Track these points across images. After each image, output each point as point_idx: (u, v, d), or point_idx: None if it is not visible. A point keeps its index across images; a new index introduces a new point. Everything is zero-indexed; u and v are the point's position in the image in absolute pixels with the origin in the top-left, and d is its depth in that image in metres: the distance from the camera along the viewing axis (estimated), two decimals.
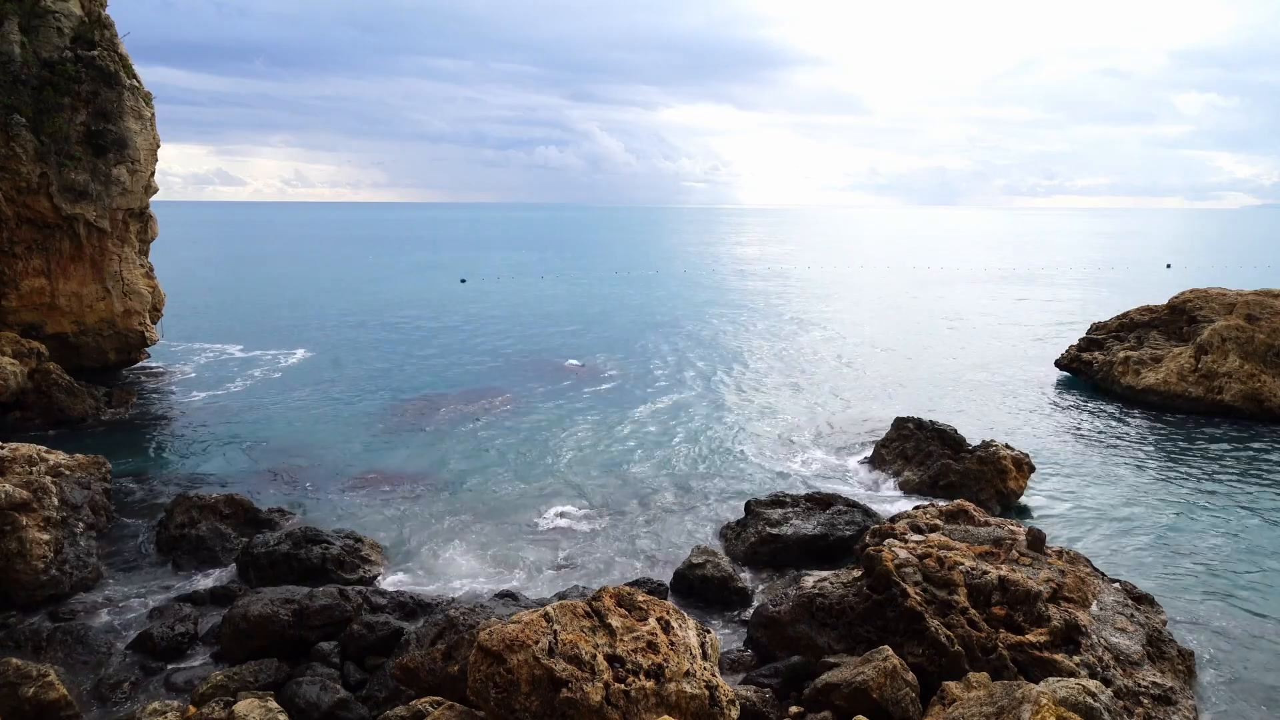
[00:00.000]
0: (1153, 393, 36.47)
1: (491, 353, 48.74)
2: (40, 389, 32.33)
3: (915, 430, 27.55)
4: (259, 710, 13.02)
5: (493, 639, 11.56)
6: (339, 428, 32.87)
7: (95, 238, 36.84)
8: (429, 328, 58.11)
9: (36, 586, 18.42)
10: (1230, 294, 39.62)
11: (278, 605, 16.75)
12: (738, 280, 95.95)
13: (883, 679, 13.38)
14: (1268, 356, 34.30)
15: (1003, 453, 25.43)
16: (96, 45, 36.19)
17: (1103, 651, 14.56)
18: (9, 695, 13.80)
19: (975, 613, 14.96)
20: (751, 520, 22.54)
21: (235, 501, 22.89)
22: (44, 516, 19.49)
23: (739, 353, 49.50)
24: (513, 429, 32.73)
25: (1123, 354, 38.94)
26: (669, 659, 11.84)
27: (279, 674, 15.52)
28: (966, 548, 16.79)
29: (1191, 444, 31.15)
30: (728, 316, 65.04)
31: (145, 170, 37.87)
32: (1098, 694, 11.58)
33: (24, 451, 20.89)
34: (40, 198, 34.69)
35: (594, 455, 29.67)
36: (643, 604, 12.77)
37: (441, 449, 30.14)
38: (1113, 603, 16.32)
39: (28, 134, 33.72)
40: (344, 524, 22.95)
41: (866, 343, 53.02)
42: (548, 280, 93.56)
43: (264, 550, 20.28)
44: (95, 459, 23.31)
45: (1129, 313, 42.93)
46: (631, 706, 11.22)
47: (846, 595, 16.12)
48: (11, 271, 35.23)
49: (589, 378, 42.35)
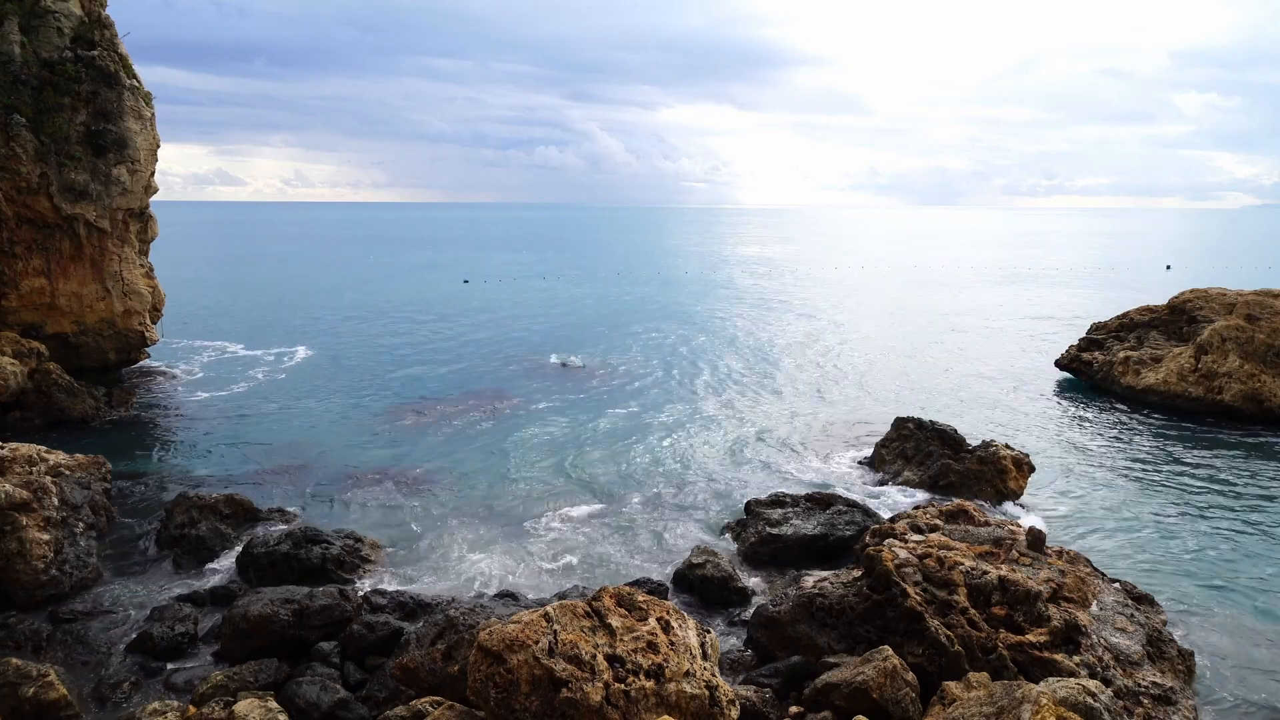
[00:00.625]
0: (1153, 393, 36.46)
1: (492, 353, 48.74)
2: (40, 389, 32.33)
3: (915, 430, 27.54)
4: (259, 710, 13.02)
5: (493, 639, 11.56)
6: (339, 428, 32.87)
7: (95, 238, 36.83)
8: (430, 328, 58.11)
9: (36, 586, 18.42)
10: (1230, 294, 39.61)
11: (278, 605, 16.75)
12: (738, 280, 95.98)
13: (883, 679, 13.38)
14: (1268, 356, 34.29)
15: (1003, 453, 25.43)
16: (96, 45, 36.18)
17: (1103, 651, 14.56)
18: (9, 695, 13.80)
19: (975, 613, 14.95)
20: (751, 520, 22.54)
21: (235, 501, 22.90)
22: (44, 516, 19.49)
23: (739, 353, 49.51)
24: (513, 429, 32.73)
25: (1123, 354, 38.94)
26: (669, 659, 11.84)
27: (279, 674, 15.52)
28: (966, 548, 16.78)
29: (1191, 444, 31.15)
30: (728, 317, 65.06)
31: (145, 170, 37.86)
32: (1098, 694, 11.58)
33: (24, 451, 20.89)
34: (40, 198, 34.68)
35: (594, 455, 29.67)
36: (643, 604, 12.76)
37: (442, 449, 30.14)
38: (1113, 603, 16.32)
39: (28, 134, 33.72)
40: (344, 524, 22.96)
41: (866, 343, 53.03)
42: (549, 280, 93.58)
43: (264, 550, 20.28)
44: (95, 459, 23.31)
45: (1129, 313, 42.92)
46: (631, 706, 11.22)
47: (846, 595, 16.12)
48: (11, 271, 35.23)
49: (590, 378, 42.36)
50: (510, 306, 70.34)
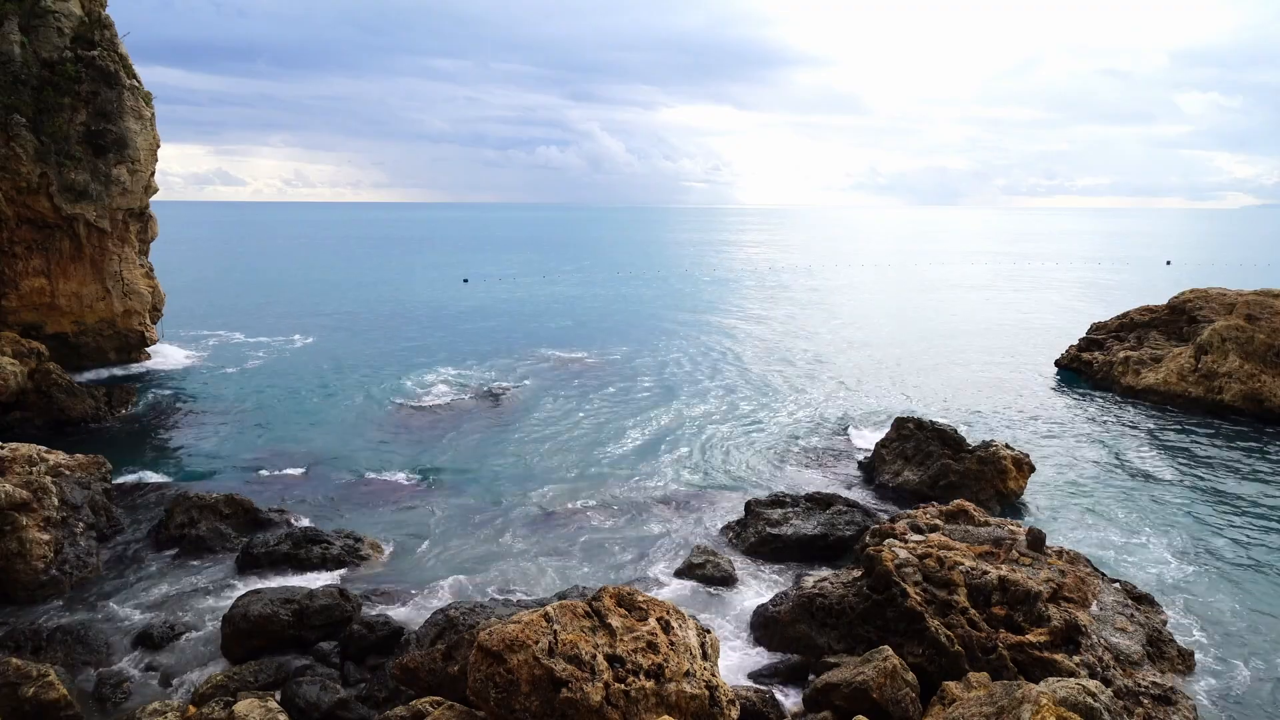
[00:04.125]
0: (1153, 392, 36.46)
1: (492, 352, 48.73)
2: (40, 389, 32.32)
3: (915, 430, 27.53)
4: (259, 710, 13.02)
5: (493, 639, 11.56)
6: (340, 427, 32.86)
7: (95, 238, 36.84)
8: (431, 328, 58.12)
9: (36, 586, 18.42)
10: (1230, 294, 39.62)
11: (278, 605, 16.74)
12: (738, 280, 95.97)
13: (883, 679, 13.38)
14: (1268, 356, 34.29)
15: (1003, 453, 25.42)
16: (96, 45, 36.20)
17: (1103, 651, 14.55)
18: (9, 695, 13.79)
19: (975, 613, 14.95)
20: (751, 520, 22.53)
21: (235, 501, 22.88)
22: (44, 516, 19.49)
23: (739, 353, 49.50)
24: (513, 429, 32.73)
25: (1123, 354, 38.94)
26: (669, 659, 11.84)
27: (279, 674, 15.51)
28: (966, 548, 16.78)
29: (1191, 444, 31.14)
30: (728, 316, 65.04)
31: (145, 170, 37.87)
32: (1098, 694, 11.57)
33: (24, 451, 20.89)
34: (40, 198, 34.70)
35: (594, 454, 29.67)
36: (643, 604, 12.76)
37: (442, 448, 30.15)
38: (1113, 603, 16.31)
39: (28, 134, 33.73)
40: (344, 524, 22.95)
41: (866, 343, 53.03)
42: (549, 280, 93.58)
43: (264, 550, 20.28)
44: (95, 459, 23.30)
45: (1129, 313, 42.94)
46: (631, 706, 11.21)
47: (846, 595, 16.12)
48: (11, 271, 35.25)
49: (590, 377, 42.35)
50: (510, 306, 70.36)
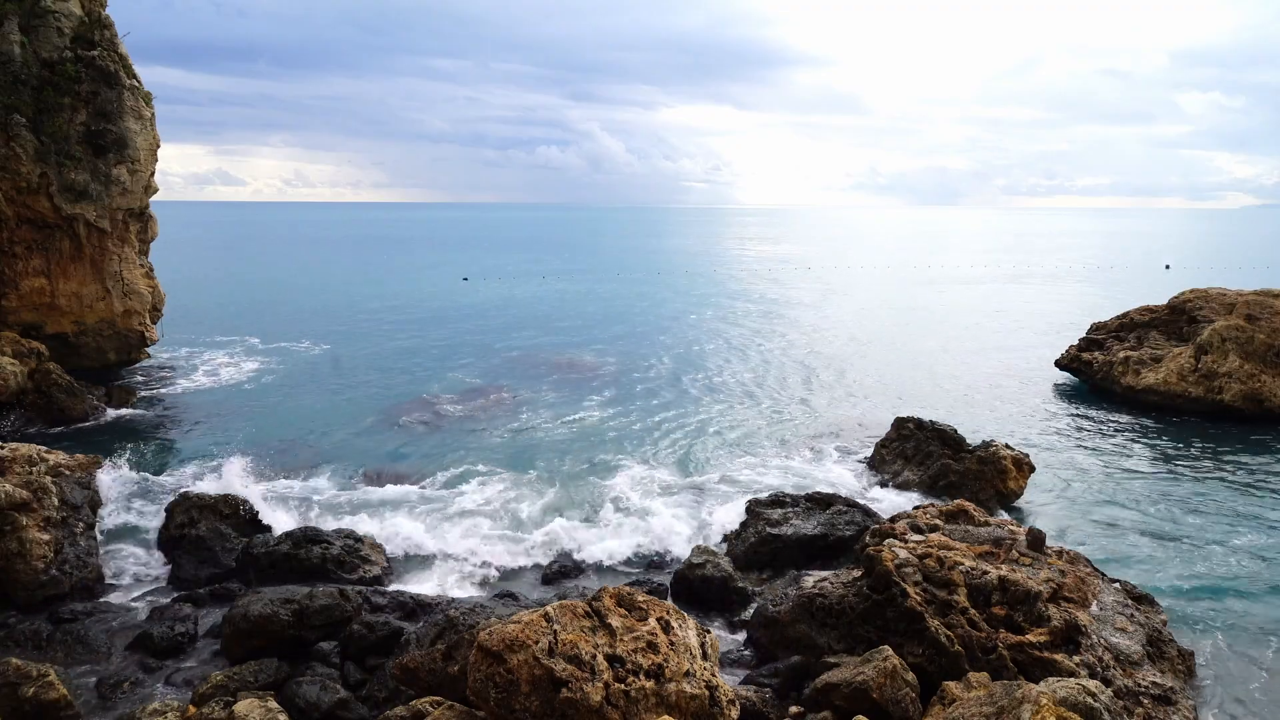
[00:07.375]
0: (1153, 393, 36.45)
1: (492, 352, 48.73)
2: (40, 389, 32.31)
3: (915, 430, 27.53)
4: (259, 710, 13.02)
5: (493, 639, 11.56)
6: (340, 427, 32.86)
7: (95, 238, 36.82)
8: (431, 327, 58.10)
9: (36, 586, 18.42)
10: (1230, 294, 39.60)
11: (278, 605, 16.74)
12: (738, 280, 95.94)
13: (883, 679, 13.38)
14: (1268, 356, 34.28)
15: (1003, 453, 25.42)
16: (96, 45, 36.17)
17: (1103, 651, 14.55)
18: (9, 695, 13.79)
19: (975, 613, 14.95)
20: (751, 520, 22.53)
21: (235, 501, 22.87)
22: (44, 516, 19.49)
23: (739, 352, 49.50)
24: (513, 428, 32.74)
25: (1123, 354, 38.93)
26: (669, 659, 11.84)
27: (279, 674, 15.50)
28: (966, 548, 16.78)
29: (1191, 444, 31.14)
30: (728, 316, 65.03)
31: (145, 170, 37.85)
32: (1098, 694, 11.58)
33: (24, 451, 20.88)
34: (40, 198, 34.68)
35: (594, 454, 29.66)
36: (643, 604, 12.77)
37: (442, 448, 30.15)
38: (1113, 603, 16.31)
39: (28, 134, 33.72)
40: (344, 524, 22.95)
41: (866, 342, 53.01)
42: (549, 280, 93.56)
43: (264, 550, 20.28)
44: (95, 459, 23.31)
45: (1129, 313, 42.90)
46: (631, 706, 11.22)
47: (846, 595, 16.12)
48: (11, 271, 35.23)
49: (590, 377, 42.35)
50: (510, 305, 70.34)
